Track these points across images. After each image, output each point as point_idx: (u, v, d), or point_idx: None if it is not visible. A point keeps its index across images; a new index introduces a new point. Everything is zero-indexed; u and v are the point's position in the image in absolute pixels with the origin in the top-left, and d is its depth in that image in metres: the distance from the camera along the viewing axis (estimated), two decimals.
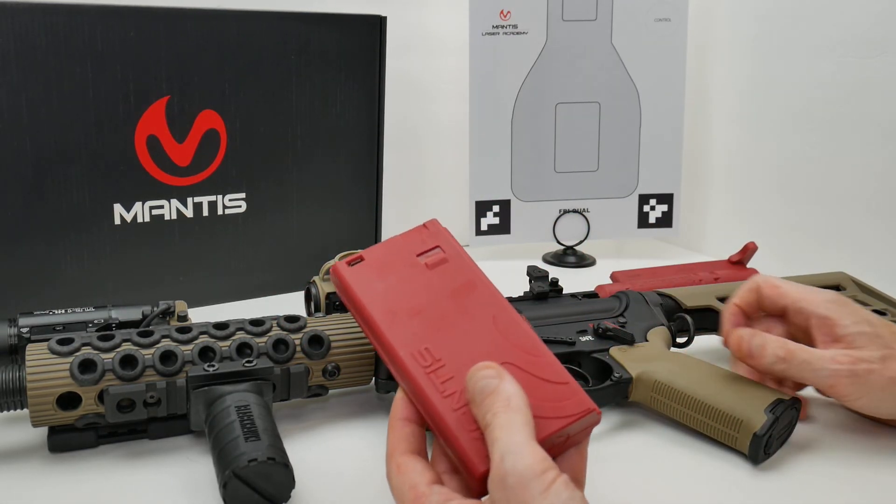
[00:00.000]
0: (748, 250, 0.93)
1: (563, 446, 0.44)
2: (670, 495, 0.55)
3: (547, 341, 0.65)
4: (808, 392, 0.64)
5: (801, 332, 0.61)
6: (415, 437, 0.45)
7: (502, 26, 1.04)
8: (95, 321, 0.62)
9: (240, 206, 0.87)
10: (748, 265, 0.94)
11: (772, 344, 0.58)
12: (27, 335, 0.60)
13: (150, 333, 0.57)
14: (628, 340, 0.67)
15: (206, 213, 0.85)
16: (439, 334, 0.47)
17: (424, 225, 0.53)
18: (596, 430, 0.62)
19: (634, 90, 1.08)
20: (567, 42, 1.05)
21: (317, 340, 0.61)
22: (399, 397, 0.46)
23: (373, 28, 0.90)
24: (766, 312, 0.63)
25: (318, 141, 0.90)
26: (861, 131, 1.00)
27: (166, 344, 0.57)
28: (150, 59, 0.78)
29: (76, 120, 0.75)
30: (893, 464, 0.59)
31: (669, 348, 0.69)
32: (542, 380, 0.45)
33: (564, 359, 0.66)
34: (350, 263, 0.50)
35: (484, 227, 1.09)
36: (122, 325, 0.63)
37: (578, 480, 0.44)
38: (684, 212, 1.14)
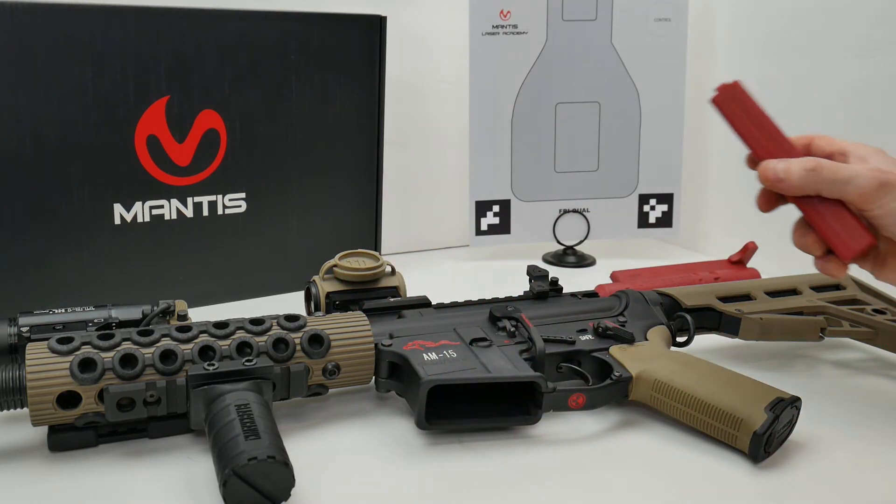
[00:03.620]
0: (748, 250, 0.93)
1: None
2: (670, 494, 0.55)
3: (547, 340, 0.65)
4: (809, 393, 0.64)
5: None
6: None
7: (502, 26, 1.04)
8: (95, 320, 0.62)
9: (240, 206, 0.87)
10: (748, 265, 0.94)
11: (798, 162, 0.60)
12: (27, 334, 0.60)
13: (149, 332, 0.57)
14: (628, 339, 0.67)
15: (206, 213, 0.85)
16: None
17: None
18: (596, 428, 0.63)
19: (634, 90, 1.08)
20: (567, 42, 1.05)
21: (317, 339, 0.61)
22: None
23: (373, 28, 0.90)
24: None
25: (318, 141, 0.90)
26: (861, 131, 0.99)
27: (166, 343, 0.57)
28: (150, 59, 0.78)
29: (76, 120, 0.75)
30: (893, 463, 0.59)
31: (669, 347, 0.69)
32: None
33: (564, 358, 0.66)
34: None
35: (484, 227, 1.09)
36: (122, 324, 0.63)
37: None
38: (684, 212, 1.14)
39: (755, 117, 0.65)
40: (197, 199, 0.84)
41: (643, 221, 1.12)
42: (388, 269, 0.77)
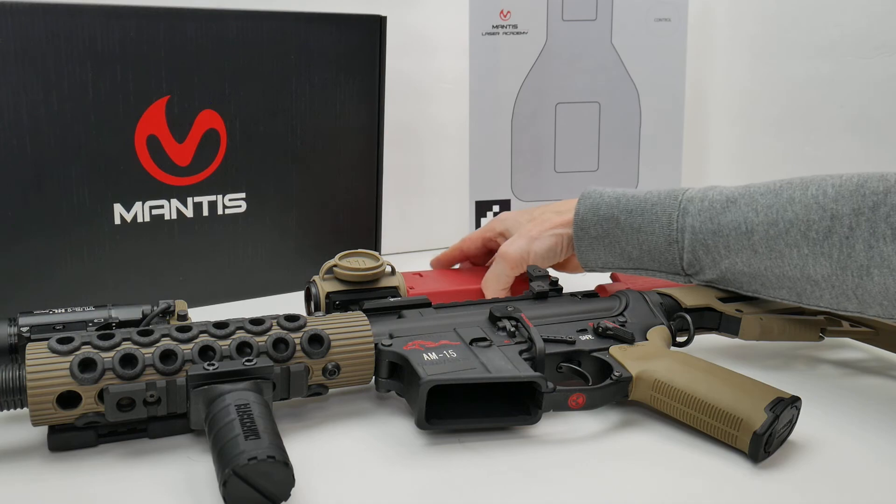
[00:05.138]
0: None
1: None
2: (670, 494, 0.55)
3: (547, 340, 0.65)
4: (809, 393, 0.64)
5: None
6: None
7: (502, 26, 1.04)
8: (95, 320, 0.62)
9: (240, 206, 0.87)
10: None
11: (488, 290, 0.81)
12: (27, 334, 0.60)
13: (149, 332, 0.57)
14: (628, 339, 0.67)
15: (206, 213, 0.85)
16: None
17: None
18: (596, 428, 0.63)
19: (634, 90, 1.08)
20: (567, 42, 1.06)
21: (317, 339, 0.61)
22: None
23: (373, 28, 0.90)
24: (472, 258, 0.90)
25: (318, 141, 0.90)
26: (860, 131, 1.00)
27: (166, 343, 0.57)
28: (150, 59, 0.78)
29: (76, 120, 0.75)
30: (893, 463, 0.59)
31: (669, 347, 0.69)
32: None
33: (564, 358, 0.66)
34: None
35: None
36: (122, 324, 0.63)
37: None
38: None
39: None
40: (197, 199, 0.84)
41: None
42: (388, 269, 0.77)
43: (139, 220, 0.81)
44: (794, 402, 0.59)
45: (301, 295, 0.78)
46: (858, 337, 0.76)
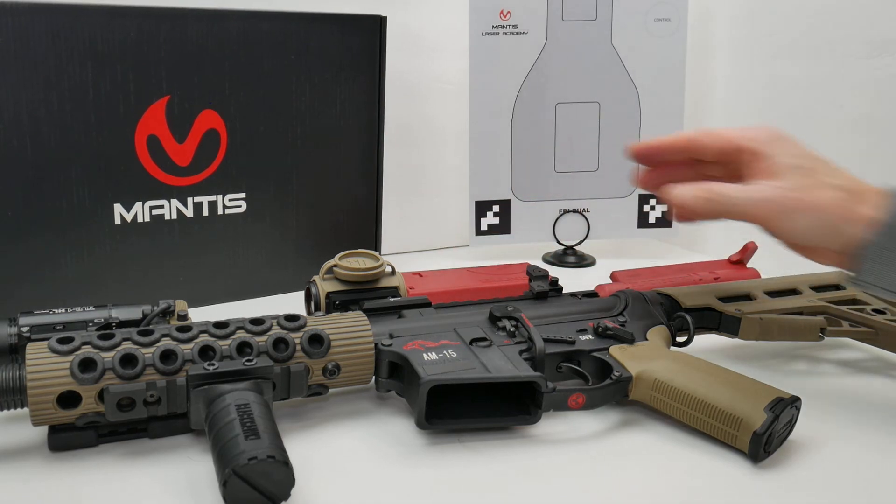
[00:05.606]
0: (748, 250, 0.93)
1: None
2: (670, 494, 0.55)
3: (547, 340, 0.65)
4: (809, 393, 0.64)
5: (730, 174, 0.64)
6: None
7: (502, 26, 1.04)
8: (95, 320, 0.62)
9: (240, 206, 0.87)
10: (748, 265, 0.94)
11: (691, 189, 0.61)
12: (27, 334, 0.60)
13: (150, 332, 0.57)
14: (628, 339, 0.67)
15: (206, 213, 0.85)
16: None
17: None
18: (595, 428, 0.63)
19: (634, 90, 1.08)
20: (567, 42, 1.06)
21: (317, 339, 0.61)
22: None
23: (373, 28, 0.90)
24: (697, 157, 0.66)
25: (318, 141, 0.90)
26: (860, 131, 1.00)
27: (166, 343, 0.57)
28: (150, 59, 0.78)
29: (76, 120, 0.75)
30: (893, 463, 0.59)
31: (669, 347, 0.69)
32: None
33: (564, 357, 0.66)
34: None
35: (484, 227, 1.09)
36: (122, 324, 0.63)
37: None
38: None
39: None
40: (197, 199, 0.84)
41: (643, 221, 1.12)
42: (388, 269, 0.77)
43: (139, 220, 0.81)
44: (794, 402, 0.59)
45: (301, 295, 0.78)
46: (858, 337, 0.76)
